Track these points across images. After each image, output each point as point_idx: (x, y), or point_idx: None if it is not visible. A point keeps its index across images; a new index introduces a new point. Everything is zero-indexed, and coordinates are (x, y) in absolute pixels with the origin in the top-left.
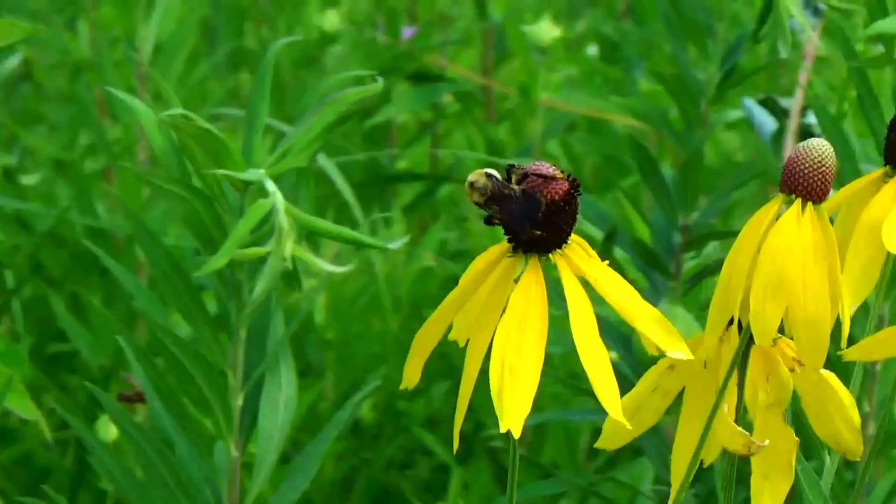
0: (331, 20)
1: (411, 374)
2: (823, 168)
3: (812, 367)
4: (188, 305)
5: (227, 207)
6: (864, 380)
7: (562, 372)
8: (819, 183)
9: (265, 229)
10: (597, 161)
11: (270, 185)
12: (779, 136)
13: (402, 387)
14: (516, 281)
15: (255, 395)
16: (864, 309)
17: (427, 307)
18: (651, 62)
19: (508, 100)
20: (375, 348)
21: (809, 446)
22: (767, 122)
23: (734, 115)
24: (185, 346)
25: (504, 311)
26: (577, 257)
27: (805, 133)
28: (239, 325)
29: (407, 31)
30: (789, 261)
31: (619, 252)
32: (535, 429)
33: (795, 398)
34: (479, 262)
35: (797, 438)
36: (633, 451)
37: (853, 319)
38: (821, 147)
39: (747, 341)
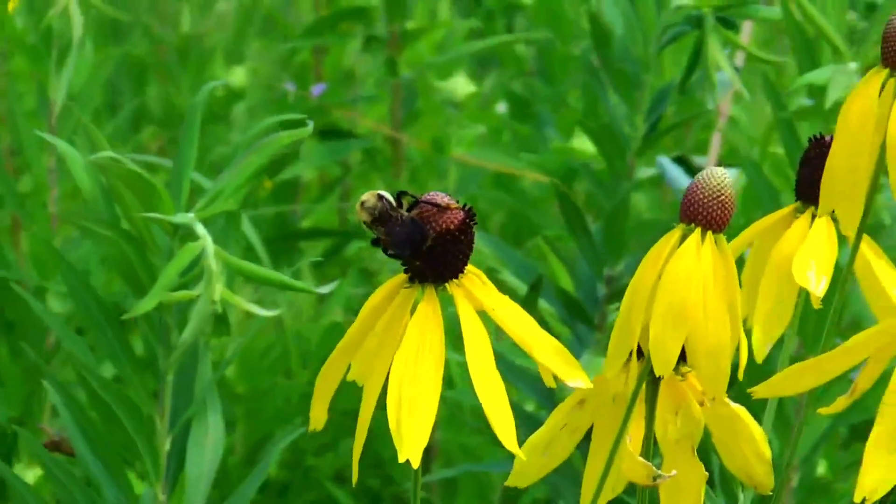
0: (237, 77)
1: (317, 416)
2: (722, 197)
3: (713, 395)
4: (115, 348)
5: (156, 251)
6: (786, 433)
7: (473, 422)
8: (718, 211)
9: (194, 273)
10: (503, 218)
11: (200, 229)
12: None
13: (309, 429)
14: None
15: (182, 439)
16: (776, 345)
17: None
18: (561, 119)
19: (416, 158)
20: (283, 403)
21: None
22: (681, 180)
23: (647, 172)
24: (112, 389)
25: (401, 342)
26: (474, 287)
27: None
28: (167, 368)
29: (316, 88)
30: (689, 289)
31: (542, 303)
32: (447, 483)
33: (707, 433)
34: (375, 297)
35: (706, 472)
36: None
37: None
38: (720, 176)
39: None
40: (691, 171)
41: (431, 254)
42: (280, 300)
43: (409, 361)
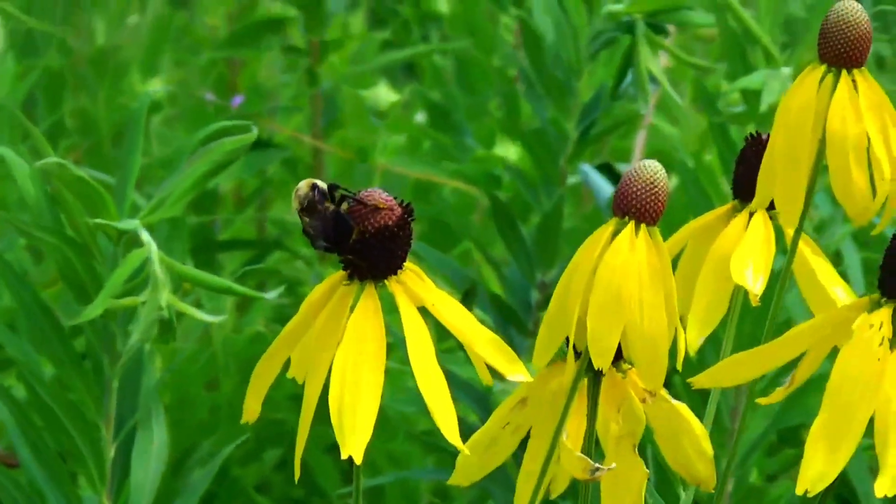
0: (155, 88)
1: (251, 407)
2: (656, 189)
3: (652, 388)
4: (58, 353)
5: (100, 258)
6: (723, 437)
7: (400, 430)
8: (652, 204)
9: (139, 279)
10: (425, 227)
11: (145, 235)
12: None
13: (242, 420)
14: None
15: (127, 445)
16: (714, 341)
17: None
18: (480, 128)
19: (336, 167)
20: (207, 414)
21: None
22: (604, 187)
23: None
24: (57, 394)
25: (341, 339)
26: (413, 283)
27: None
28: (112, 375)
29: (235, 100)
30: (625, 280)
31: (475, 310)
32: (374, 491)
33: (648, 430)
34: (315, 294)
35: (647, 470)
36: None
37: (704, 351)
38: (653, 168)
39: (597, 372)
40: (615, 178)
41: (370, 250)
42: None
43: (349, 358)
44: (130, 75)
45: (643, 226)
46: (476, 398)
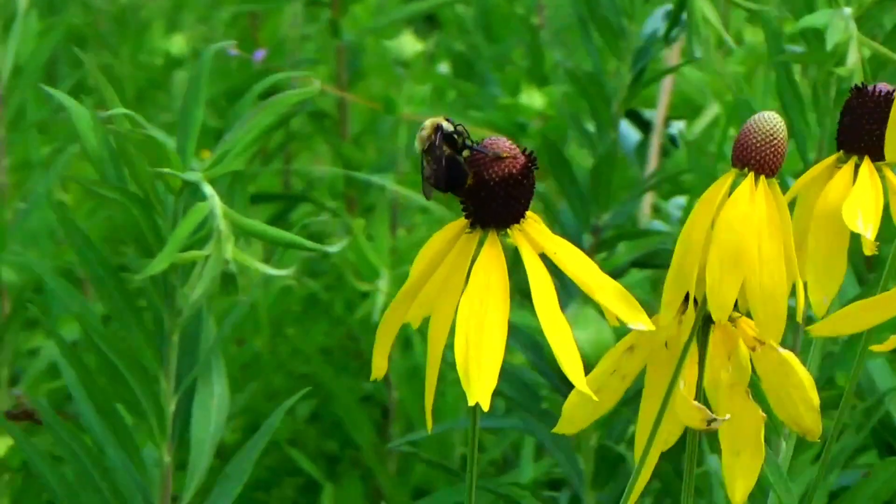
0: (177, 44)
1: (379, 364)
2: (775, 141)
3: (770, 339)
4: (120, 307)
5: (162, 212)
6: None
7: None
8: (771, 156)
9: (201, 234)
10: None
11: (207, 189)
12: (643, 147)
13: (371, 378)
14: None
15: (188, 400)
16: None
17: (289, 325)
18: (504, 77)
19: (359, 119)
20: (237, 371)
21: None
22: (631, 134)
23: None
24: (118, 350)
25: (465, 286)
26: (534, 231)
27: (668, 145)
28: (172, 329)
29: (258, 54)
30: (745, 234)
31: None
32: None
33: (756, 378)
34: (434, 242)
35: (764, 415)
36: (504, 462)
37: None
38: (772, 120)
39: (706, 318)
40: (643, 125)
41: (493, 198)
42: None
43: (475, 305)
44: (153, 32)
45: (762, 177)
46: (529, 344)
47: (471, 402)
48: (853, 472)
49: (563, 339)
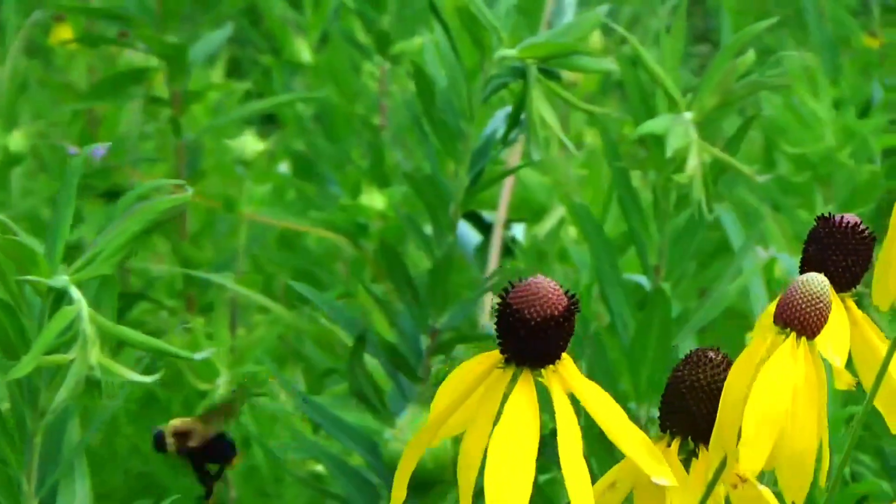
0: (16, 141)
1: (398, 495)
2: (820, 304)
3: (794, 501)
4: None
5: (28, 314)
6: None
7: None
8: (815, 318)
9: (67, 336)
10: (289, 277)
11: (75, 293)
12: (483, 249)
13: None
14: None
15: (50, 502)
16: None
17: (126, 424)
18: (344, 177)
19: (199, 218)
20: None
21: None
22: (471, 236)
23: None
24: None
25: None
26: (567, 372)
27: (508, 246)
28: (35, 430)
29: (97, 151)
30: (784, 392)
31: (367, 357)
32: None
33: None
34: (464, 372)
35: None
36: None
37: None
38: (818, 282)
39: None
40: (483, 227)
41: (532, 339)
42: None
43: (504, 448)
44: None
45: (803, 339)
46: (366, 445)
47: None
48: None
49: (581, 485)
